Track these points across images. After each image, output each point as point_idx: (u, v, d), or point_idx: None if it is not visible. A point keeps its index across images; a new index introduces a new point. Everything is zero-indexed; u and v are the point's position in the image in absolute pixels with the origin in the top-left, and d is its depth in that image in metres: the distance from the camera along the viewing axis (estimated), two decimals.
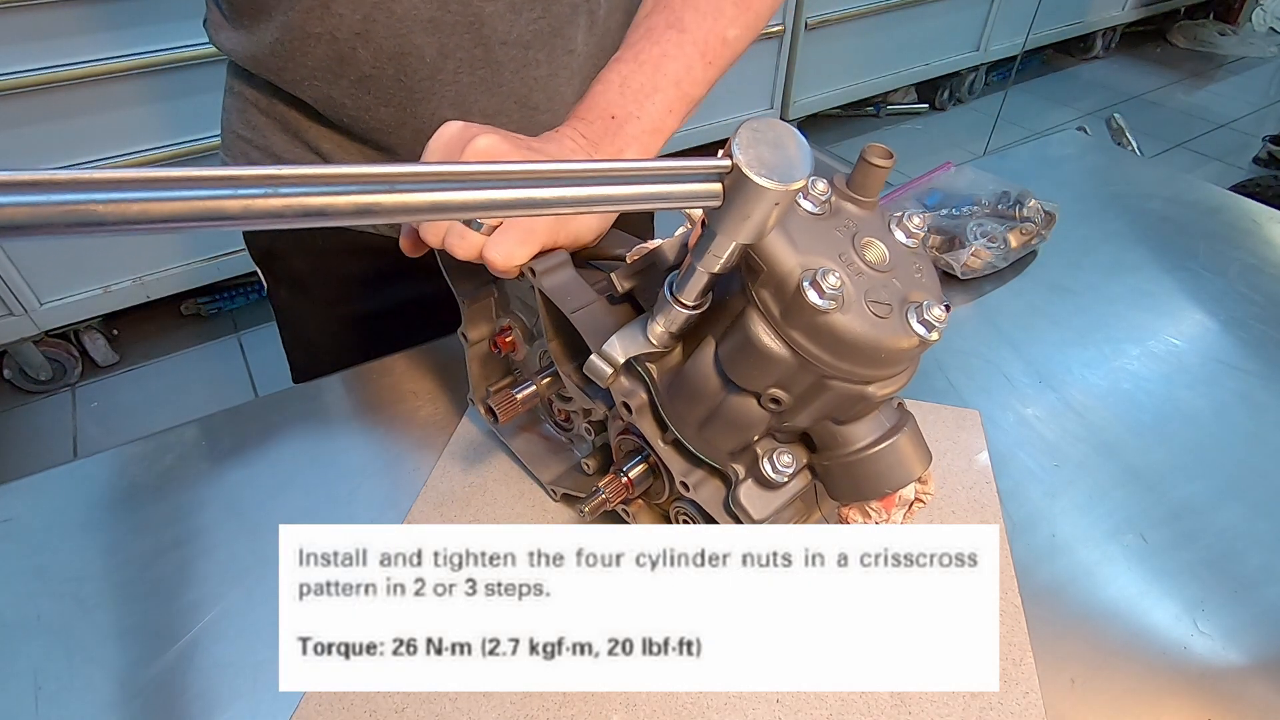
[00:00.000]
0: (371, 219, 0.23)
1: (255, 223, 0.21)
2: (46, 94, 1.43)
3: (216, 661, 0.46)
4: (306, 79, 0.57)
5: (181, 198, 0.20)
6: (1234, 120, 3.16)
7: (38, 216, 0.18)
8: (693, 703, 0.44)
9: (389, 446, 0.60)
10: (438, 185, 0.24)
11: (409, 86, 0.57)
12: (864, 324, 0.31)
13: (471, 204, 0.25)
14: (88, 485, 0.56)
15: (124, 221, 0.19)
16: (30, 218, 0.18)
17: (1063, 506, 0.56)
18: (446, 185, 0.24)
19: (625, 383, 0.40)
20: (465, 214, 0.25)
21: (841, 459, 0.37)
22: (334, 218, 0.23)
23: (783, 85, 2.48)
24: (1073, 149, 1.04)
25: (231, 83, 0.65)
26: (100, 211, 0.19)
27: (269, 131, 0.64)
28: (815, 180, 0.33)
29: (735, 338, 0.34)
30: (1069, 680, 0.46)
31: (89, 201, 0.19)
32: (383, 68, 0.55)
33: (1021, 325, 0.73)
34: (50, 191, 0.19)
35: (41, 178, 0.18)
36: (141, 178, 0.20)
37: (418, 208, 0.24)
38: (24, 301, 1.62)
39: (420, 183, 0.24)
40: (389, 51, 0.55)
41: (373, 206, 0.23)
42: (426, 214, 0.25)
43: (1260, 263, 0.82)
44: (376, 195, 0.23)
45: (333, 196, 0.22)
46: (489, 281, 0.53)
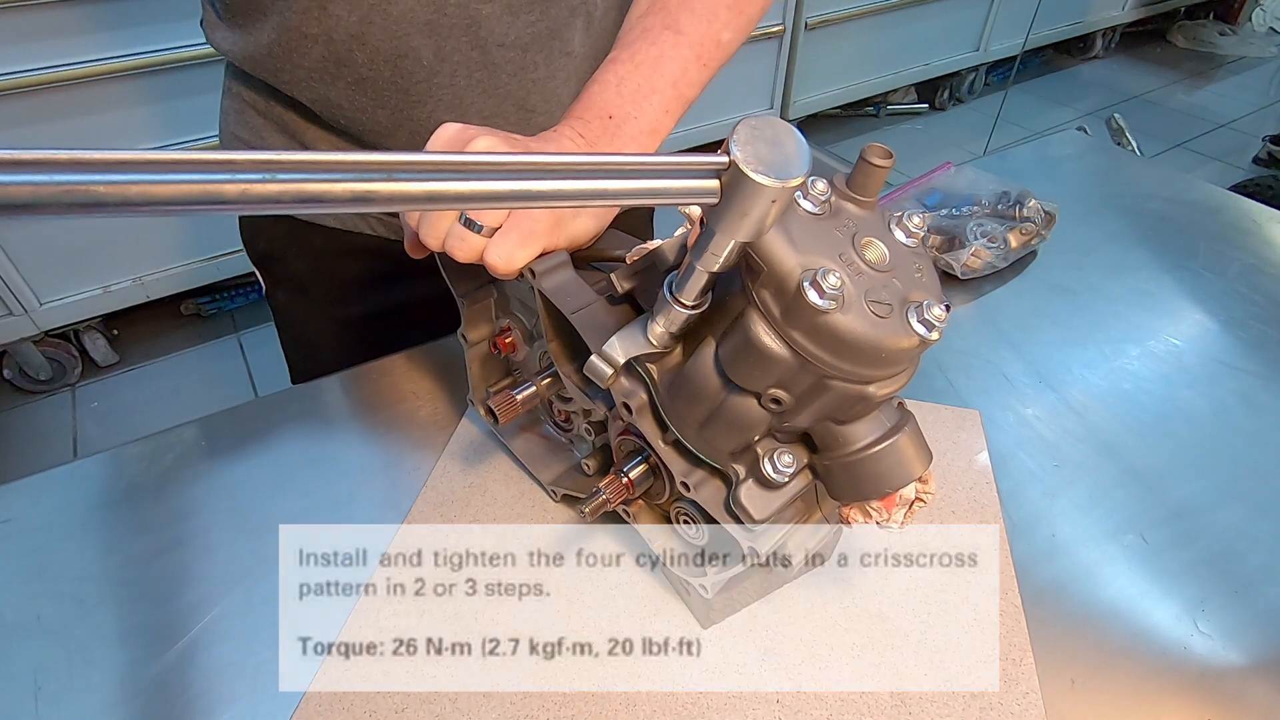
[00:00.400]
0: (368, 207, 0.23)
1: (253, 208, 0.21)
2: (47, 94, 1.43)
3: (216, 661, 0.46)
4: (303, 80, 0.57)
5: (181, 180, 0.20)
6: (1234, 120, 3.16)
7: (38, 196, 0.18)
8: (693, 703, 0.44)
9: (389, 446, 0.60)
10: (435, 175, 0.24)
11: (405, 89, 0.57)
12: (864, 324, 0.31)
13: (469, 195, 0.25)
14: (88, 485, 0.56)
15: (124, 203, 0.19)
16: (31, 197, 0.18)
17: (1063, 506, 0.56)
18: (444, 175, 0.24)
19: (625, 383, 0.40)
20: (462, 205, 0.25)
21: (842, 459, 0.37)
22: (330, 204, 0.22)
23: (783, 85, 2.48)
24: (1073, 149, 1.04)
25: (229, 84, 0.65)
26: (100, 192, 0.19)
27: (267, 133, 0.64)
28: (815, 180, 0.33)
29: (735, 338, 0.34)
30: (1069, 680, 0.46)
31: (90, 183, 0.19)
32: (379, 70, 0.55)
33: (1021, 325, 0.73)
34: (51, 171, 0.18)
35: (43, 157, 0.18)
36: (142, 160, 0.20)
37: (414, 196, 0.24)
38: (24, 301, 1.62)
39: (418, 171, 0.24)
40: (386, 54, 0.54)
41: (369, 194, 0.23)
42: (423, 204, 0.24)
43: (1260, 263, 0.82)
44: (373, 183, 0.23)
45: (330, 183, 0.22)
46: (488, 283, 0.53)
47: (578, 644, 0.47)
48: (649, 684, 0.45)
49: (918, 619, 0.48)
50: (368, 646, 0.46)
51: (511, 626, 0.48)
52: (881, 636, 0.47)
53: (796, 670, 0.46)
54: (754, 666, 0.46)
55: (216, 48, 0.60)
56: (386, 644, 0.46)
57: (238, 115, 0.65)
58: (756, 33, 2.28)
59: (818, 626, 0.48)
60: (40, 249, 1.59)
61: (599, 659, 0.46)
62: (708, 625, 0.47)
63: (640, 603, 0.49)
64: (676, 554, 0.47)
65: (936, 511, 0.55)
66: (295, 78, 0.57)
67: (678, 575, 0.47)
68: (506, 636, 0.47)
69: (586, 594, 0.49)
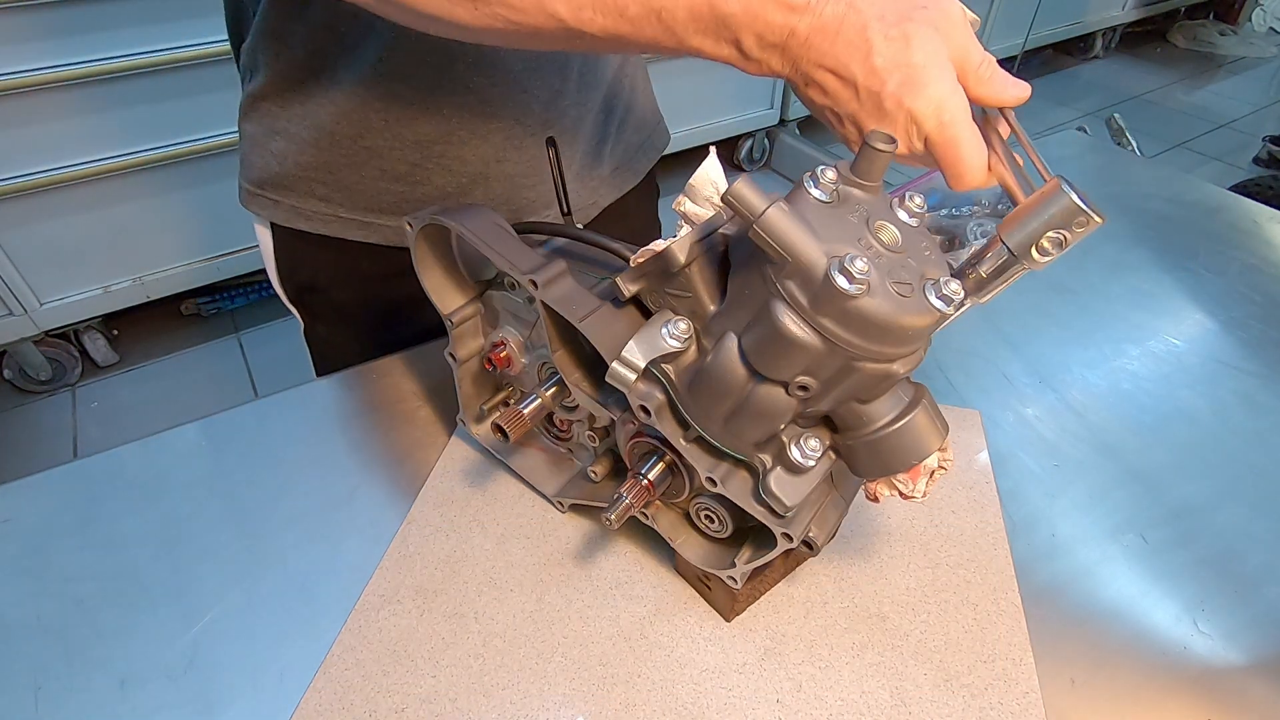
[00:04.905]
0: None
1: None
2: (47, 94, 1.43)
3: (216, 661, 0.46)
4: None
5: None
6: (1234, 120, 3.16)
7: None
8: (693, 703, 0.44)
9: (389, 446, 0.60)
10: None
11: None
12: (891, 305, 0.32)
13: None
14: (88, 485, 0.56)
15: None
16: None
17: (1063, 506, 0.56)
18: None
19: (641, 386, 0.40)
20: None
21: (866, 437, 0.37)
22: None
23: (783, 85, 2.48)
24: (1073, 149, 1.04)
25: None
26: None
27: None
28: (824, 169, 0.34)
29: (761, 330, 0.34)
30: (1069, 680, 0.46)
31: None
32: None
33: (1021, 325, 0.73)
34: None
35: None
36: None
37: None
38: (24, 301, 1.62)
39: None
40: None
41: None
42: None
43: (1260, 263, 0.82)
44: None
45: None
46: (477, 297, 0.52)
47: (577, 644, 0.47)
48: (649, 684, 0.45)
49: (918, 619, 0.48)
50: (368, 646, 0.46)
51: (511, 627, 0.48)
52: (881, 636, 0.47)
53: (796, 670, 0.46)
54: (754, 666, 0.46)
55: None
56: (387, 644, 0.46)
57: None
58: None
59: (818, 626, 0.48)
60: (40, 249, 1.59)
61: (599, 659, 0.46)
62: (731, 618, 0.48)
63: (640, 603, 0.49)
64: (698, 551, 0.47)
65: (936, 511, 0.55)
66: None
67: (700, 571, 0.47)
68: (506, 637, 0.47)
69: (586, 594, 0.49)
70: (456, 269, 0.51)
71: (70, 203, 1.56)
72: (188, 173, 1.65)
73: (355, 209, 0.64)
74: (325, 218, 0.64)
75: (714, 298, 0.38)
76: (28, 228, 1.55)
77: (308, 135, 0.60)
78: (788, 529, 0.40)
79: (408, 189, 0.63)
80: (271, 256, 0.69)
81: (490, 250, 0.45)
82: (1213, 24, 3.86)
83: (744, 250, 0.35)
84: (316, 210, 0.64)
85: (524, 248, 0.45)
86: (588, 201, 0.72)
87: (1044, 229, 0.34)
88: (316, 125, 0.60)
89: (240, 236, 1.78)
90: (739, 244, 0.36)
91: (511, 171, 0.64)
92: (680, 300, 0.39)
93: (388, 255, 0.66)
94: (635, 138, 0.75)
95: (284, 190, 0.64)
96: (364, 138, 0.60)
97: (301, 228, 0.65)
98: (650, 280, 0.40)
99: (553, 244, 0.51)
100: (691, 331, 0.38)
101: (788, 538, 0.40)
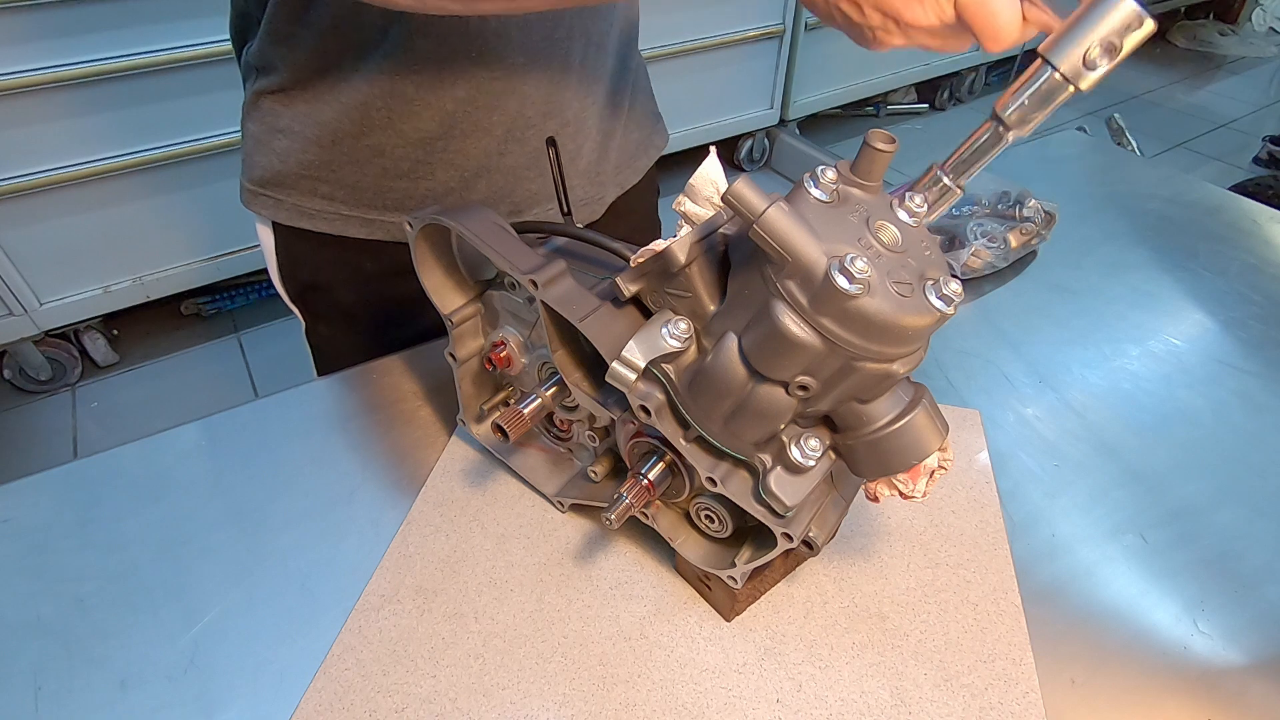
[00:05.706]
0: None
1: None
2: (47, 94, 1.43)
3: (216, 661, 0.46)
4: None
5: None
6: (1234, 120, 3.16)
7: None
8: (693, 703, 0.44)
9: (389, 446, 0.60)
10: None
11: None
12: (891, 304, 0.32)
13: None
14: (88, 485, 0.56)
15: None
16: None
17: (1063, 506, 0.56)
18: None
19: (642, 386, 0.40)
20: None
21: (867, 437, 0.37)
22: None
23: (783, 85, 2.48)
24: (1073, 149, 1.04)
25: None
26: None
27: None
28: (824, 169, 0.34)
29: (761, 329, 0.34)
30: (1069, 680, 0.46)
31: None
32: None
33: (1021, 325, 0.73)
34: None
35: None
36: None
37: None
38: (24, 301, 1.62)
39: None
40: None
41: None
42: None
43: (1260, 263, 0.82)
44: None
45: None
46: (476, 296, 0.52)
47: (577, 644, 0.47)
48: (649, 684, 0.45)
49: (918, 619, 0.48)
50: (368, 645, 0.46)
51: (511, 627, 0.48)
52: (881, 636, 0.47)
53: (796, 670, 0.46)
54: (754, 666, 0.46)
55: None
56: (387, 643, 0.46)
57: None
58: (757, 33, 2.29)
59: (818, 626, 0.48)
60: (40, 249, 1.59)
61: (599, 659, 0.46)
62: (731, 618, 0.48)
63: (640, 603, 0.49)
64: (698, 551, 0.47)
65: (936, 511, 0.55)
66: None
67: (700, 571, 0.47)
68: (506, 637, 0.47)
69: (586, 594, 0.49)
70: (456, 269, 0.51)
71: (70, 203, 1.56)
72: (188, 173, 1.65)
73: (358, 206, 0.64)
74: (328, 215, 0.64)
75: (714, 298, 0.38)
76: (28, 228, 1.55)
77: (311, 134, 0.60)
78: (788, 529, 0.40)
79: (410, 185, 0.63)
80: (273, 256, 0.69)
81: (490, 250, 0.45)
82: (1213, 24, 3.86)
83: (744, 250, 0.35)
84: (319, 208, 0.64)
85: (524, 247, 0.45)
86: (595, 196, 0.72)
87: (1096, 36, 0.32)
88: (320, 124, 0.60)
89: (240, 236, 1.78)
90: (739, 244, 0.36)
91: (514, 164, 0.65)
92: (680, 300, 0.39)
93: (390, 252, 0.66)
94: (637, 134, 0.76)
95: (286, 189, 0.64)
96: (367, 136, 0.60)
97: (304, 226, 0.65)
98: (650, 280, 0.40)
99: (553, 244, 0.51)
100: (691, 331, 0.38)
101: (788, 538, 0.40)
